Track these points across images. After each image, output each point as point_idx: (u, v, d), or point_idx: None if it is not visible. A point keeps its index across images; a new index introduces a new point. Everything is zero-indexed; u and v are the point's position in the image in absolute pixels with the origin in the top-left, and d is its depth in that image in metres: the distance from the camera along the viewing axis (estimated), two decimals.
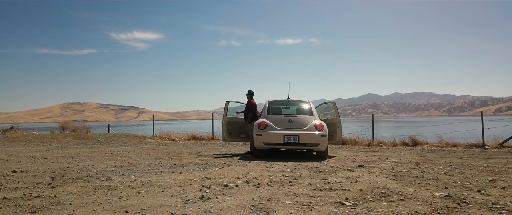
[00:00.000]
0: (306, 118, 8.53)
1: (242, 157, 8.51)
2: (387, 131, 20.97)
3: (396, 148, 12.50)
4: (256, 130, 8.22)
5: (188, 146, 13.11)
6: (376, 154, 9.63)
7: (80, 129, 16.67)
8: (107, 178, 4.70)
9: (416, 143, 13.44)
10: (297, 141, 7.93)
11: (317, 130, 8.12)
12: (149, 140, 16.59)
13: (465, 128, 15.32)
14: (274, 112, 8.88)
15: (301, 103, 9.30)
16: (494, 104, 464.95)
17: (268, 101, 9.28)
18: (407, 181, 4.93)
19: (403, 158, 8.48)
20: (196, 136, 17.47)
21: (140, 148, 11.57)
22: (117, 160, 7.50)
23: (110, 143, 14.30)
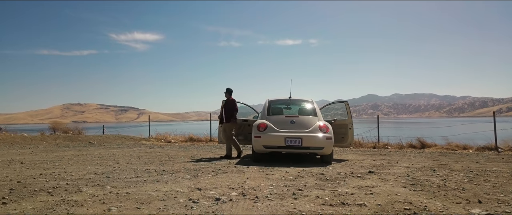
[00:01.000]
0: (309, 118, 7.83)
1: (240, 161, 7.81)
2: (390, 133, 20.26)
3: (404, 151, 11.80)
4: (255, 131, 7.52)
5: (184, 149, 12.42)
6: (385, 158, 8.93)
7: (72, 130, 15.97)
8: (77, 190, 3.98)
9: (424, 145, 12.73)
10: (299, 144, 7.22)
11: (321, 132, 7.42)
12: (144, 142, 15.89)
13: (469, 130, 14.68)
14: (274, 112, 8.19)
15: (304, 103, 8.61)
16: (495, 105, 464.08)
17: (268, 100, 8.59)
18: (429, 192, 4.23)
19: (415, 162, 7.78)
20: (193, 138, 16.78)
21: (132, 151, 10.87)
22: (101, 165, 6.79)
23: (102, 145, 13.60)
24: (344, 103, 9.41)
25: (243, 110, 10.13)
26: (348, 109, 9.12)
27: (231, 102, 8.92)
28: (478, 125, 14.01)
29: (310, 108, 8.32)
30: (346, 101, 9.29)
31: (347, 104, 9.19)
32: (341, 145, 8.86)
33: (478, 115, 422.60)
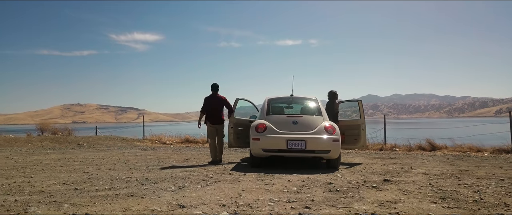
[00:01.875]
0: (313, 118, 7.01)
1: (236, 167, 6.99)
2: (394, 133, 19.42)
3: (413, 153, 10.98)
4: (253, 133, 6.70)
5: (178, 151, 11.60)
6: (396, 162, 8.12)
7: (62, 131, 15.14)
8: (22, 210, 3.15)
9: (434, 147, 11.91)
10: (303, 146, 6.40)
11: (327, 133, 6.60)
12: (137, 143, 15.09)
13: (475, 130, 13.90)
14: (275, 111, 7.37)
15: (307, 101, 7.79)
16: (495, 105, 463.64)
17: (268, 98, 7.77)
18: (468, 210, 3.41)
19: (432, 168, 6.97)
20: (189, 139, 15.97)
21: (121, 154, 10.06)
22: (77, 172, 5.96)
23: (91, 147, 12.78)
24: (358, 101, 8.62)
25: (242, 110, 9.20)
26: (361, 108, 8.32)
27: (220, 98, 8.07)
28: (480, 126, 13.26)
29: (314, 107, 7.50)
30: (360, 100, 8.50)
31: (361, 103, 8.39)
32: (353, 147, 8.10)
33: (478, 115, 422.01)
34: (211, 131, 7.97)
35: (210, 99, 8.07)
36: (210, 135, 7.98)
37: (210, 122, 8.01)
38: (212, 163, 7.72)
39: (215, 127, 7.98)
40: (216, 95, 8.08)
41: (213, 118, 7.99)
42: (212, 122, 8.00)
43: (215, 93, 8.10)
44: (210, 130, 7.97)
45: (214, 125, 7.98)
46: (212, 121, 7.99)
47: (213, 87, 8.14)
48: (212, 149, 7.88)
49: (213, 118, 8.00)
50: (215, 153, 7.84)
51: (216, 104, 7.99)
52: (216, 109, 8.00)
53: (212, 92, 8.12)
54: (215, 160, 7.82)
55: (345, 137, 7.75)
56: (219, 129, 7.99)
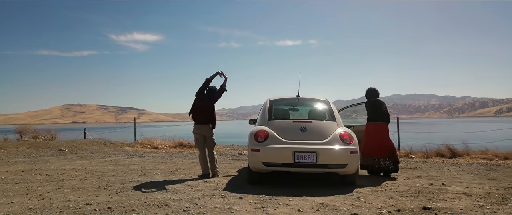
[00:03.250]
0: (325, 124, 5.76)
1: (231, 183, 5.74)
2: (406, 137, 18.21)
3: (433, 161, 9.74)
4: (252, 142, 5.46)
5: (169, 158, 10.37)
6: (420, 174, 6.87)
7: (44, 135, 13.88)
8: None
9: (454, 154, 10.67)
10: (314, 160, 5.15)
11: (344, 143, 5.36)
12: (127, 147, 13.83)
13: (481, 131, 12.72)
14: (278, 115, 6.10)
15: (317, 103, 6.54)
16: (495, 105, 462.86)
17: (270, 99, 6.51)
18: None
19: (468, 184, 5.74)
20: (183, 143, 14.71)
21: (102, 163, 8.82)
22: (27, 195, 4.69)
23: (74, 153, 11.52)
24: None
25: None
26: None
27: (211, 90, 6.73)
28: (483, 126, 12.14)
29: (325, 109, 6.26)
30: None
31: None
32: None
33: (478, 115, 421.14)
34: (198, 138, 6.63)
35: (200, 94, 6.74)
36: (198, 144, 6.65)
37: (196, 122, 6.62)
38: (202, 177, 6.47)
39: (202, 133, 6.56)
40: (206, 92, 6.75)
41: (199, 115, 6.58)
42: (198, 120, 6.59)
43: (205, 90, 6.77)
44: (196, 138, 6.64)
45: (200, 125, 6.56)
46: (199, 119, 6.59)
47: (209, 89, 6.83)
48: (202, 162, 6.61)
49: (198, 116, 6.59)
50: (205, 166, 6.57)
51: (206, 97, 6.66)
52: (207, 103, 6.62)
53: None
54: (207, 174, 6.55)
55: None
56: (208, 135, 6.60)
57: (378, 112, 6.70)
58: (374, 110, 6.71)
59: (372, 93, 6.86)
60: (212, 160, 6.57)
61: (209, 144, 6.63)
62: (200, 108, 6.62)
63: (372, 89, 6.87)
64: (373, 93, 6.86)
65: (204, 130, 6.58)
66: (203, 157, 6.60)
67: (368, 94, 6.89)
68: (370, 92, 6.86)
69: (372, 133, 6.64)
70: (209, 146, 6.64)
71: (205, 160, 6.60)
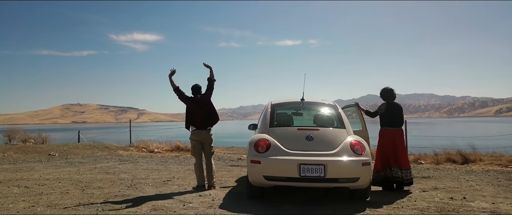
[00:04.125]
0: (334, 132, 5.15)
1: (229, 198, 5.14)
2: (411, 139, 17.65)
3: (446, 167, 9.14)
4: (252, 153, 4.86)
5: (163, 164, 9.79)
6: (435, 185, 6.28)
7: (34, 139, 13.26)
8: None
9: (466, 159, 10.05)
10: (322, 173, 4.55)
11: (355, 154, 4.76)
12: (121, 152, 13.23)
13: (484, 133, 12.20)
14: (281, 122, 5.49)
15: (324, 108, 5.93)
16: (495, 105, 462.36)
17: (271, 103, 5.90)
18: None
19: (492, 198, 5.17)
20: (180, 147, 14.11)
21: (91, 170, 8.22)
22: None
23: (63, 158, 10.93)
24: (353, 106, 6.65)
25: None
26: (360, 115, 6.43)
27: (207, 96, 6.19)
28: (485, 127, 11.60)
29: (333, 115, 5.65)
30: (356, 104, 6.60)
31: (358, 108, 6.50)
32: None
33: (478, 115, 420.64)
34: (196, 145, 6.05)
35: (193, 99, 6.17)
36: (195, 152, 6.07)
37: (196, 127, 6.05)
38: (197, 189, 5.88)
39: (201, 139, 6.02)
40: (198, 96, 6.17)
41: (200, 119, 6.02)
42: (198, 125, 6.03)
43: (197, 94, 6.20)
44: (194, 144, 6.07)
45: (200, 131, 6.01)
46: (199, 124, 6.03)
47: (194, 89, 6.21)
48: (198, 171, 6.04)
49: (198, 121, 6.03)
50: (201, 177, 6.01)
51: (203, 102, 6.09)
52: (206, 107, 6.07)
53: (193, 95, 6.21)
54: (202, 186, 5.96)
55: None
56: (207, 142, 6.07)
57: (398, 116, 6.01)
58: (393, 113, 5.97)
59: (391, 94, 6.09)
60: (209, 169, 6.05)
61: (207, 152, 6.11)
62: (198, 112, 6.02)
63: (391, 90, 6.09)
64: (392, 94, 6.10)
65: (204, 136, 6.04)
66: (199, 166, 6.04)
67: (386, 95, 6.09)
68: (389, 92, 6.08)
69: (391, 140, 5.91)
70: (207, 154, 6.11)
71: (201, 169, 6.04)
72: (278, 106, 5.86)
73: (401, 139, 6.01)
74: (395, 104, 6.11)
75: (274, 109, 5.69)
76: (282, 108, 6.00)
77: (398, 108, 6.07)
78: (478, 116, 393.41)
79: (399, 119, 6.02)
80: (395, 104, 6.10)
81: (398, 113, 6.02)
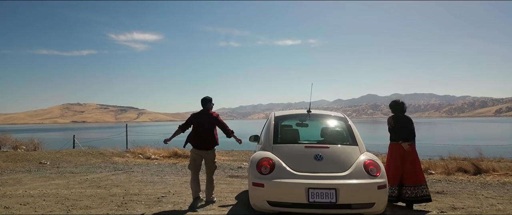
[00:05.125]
0: (346, 150, 4.64)
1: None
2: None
3: (458, 179, 8.62)
4: (254, 174, 4.34)
5: (160, 173, 9.28)
6: (454, 204, 5.76)
7: (26, 145, 12.73)
8: None
9: (479, 169, 9.54)
10: (333, 199, 4.04)
11: (370, 176, 4.25)
12: (116, 158, 12.71)
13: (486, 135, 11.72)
14: (286, 138, 4.96)
15: (333, 121, 5.42)
16: (494, 105, 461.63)
17: (275, 115, 5.37)
18: None
19: None
20: (178, 153, 13.61)
21: (83, 182, 7.71)
22: None
23: (55, 167, 10.41)
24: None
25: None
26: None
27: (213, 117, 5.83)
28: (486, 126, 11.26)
29: (344, 129, 5.13)
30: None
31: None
32: None
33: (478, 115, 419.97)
34: (195, 158, 5.75)
35: (198, 115, 5.83)
36: (193, 165, 5.79)
37: (195, 146, 5.74)
38: (194, 203, 5.47)
39: (202, 154, 5.75)
40: (207, 112, 5.82)
41: (201, 140, 5.71)
42: (199, 145, 5.72)
43: (207, 110, 5.85)
44: (193, 158, 5.77)
45: (200, 151, 5.72)
46: (199, 145, 5.72)
47: (204, 101, 5.85)
48: (194, 185, 5.71)
49: (200, 140, 5.70)
50: (197, 189, 5.70)
51: (206, 123, 5.74)
52: (206, 128, 5.71)
53: (203, 108, 5.87)
54: (197, 197, 5.63)
55: None
56: (209, 158, 5.78)
57: (407, 129, 5.63)
58: (405, 127, 5.62)
59: (399, 107, 5.77)
60: (209, 184, 5.77)
61: (208, 167, 5.80)
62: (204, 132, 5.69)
63: (402, 103, 5.80)
64: (400, 107, 5.77)
65: (206, 153, 5.75)
66: (195, 180, 5.73)
67: (396, 108, 5.79)
68: (399, 105, 5.78)
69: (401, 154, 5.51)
70: (209, 170, 5.81)
71: (197, 182, 5.75)
72: (282, 119, 5.35)
73: (411, 153, 5.57)
74: (405, 117, 5.78)
75: (278, 122, 5.17)
76: (286, 119, 5.49)
77: (407, 121, 5.72)
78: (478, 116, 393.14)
79: (408, 132, 5.63)
80: (404, 117, 5.77)
81: (407, 126, 5.66)
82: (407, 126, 5.66)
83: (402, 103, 5.80)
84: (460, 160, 13.03)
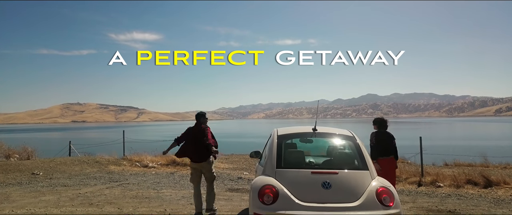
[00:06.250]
0: (356, 176, 4.22)
1: None
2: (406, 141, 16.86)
3: (469, 193, 8.25)
4: (256, 204, 3.94)
5: (157, 186, 8.92)
6: None
7: (20, 153, 12.33)
8: None
9: (489, 181, 9.15)
10: None
11: (383, 206, 3.86)
12: (112, 167, 12.33)
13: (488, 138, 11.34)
14: (290, 161, 4.50)
15: (341, 140, 4.98)
16: (494, 104, 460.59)
17: (278, 134, 4.92)
18: None
19: None
20: (176, 161, 13.21)
21: (75, 198, 7.33)
22: None
23: (48, 178, 10.02)
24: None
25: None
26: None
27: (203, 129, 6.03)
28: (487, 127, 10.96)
29: (353, 151, 4.70)
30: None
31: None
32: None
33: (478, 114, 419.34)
34: (194, 172, 5.99)
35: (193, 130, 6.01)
36: (193, 178, 6.01)
37: (193, 160, 5.95)
38: None
39: (200, 167, 5.92)
40: (200, 126, 6.01)
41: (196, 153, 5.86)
42: (196, 159, 5.90)
43: (200, 124, 6.04)
44: (193, 171, 6.02)
45: (197, 163, 5.91)
46: (196, 158, 5.89)
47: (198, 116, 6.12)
48: (196, 198, 5.95)
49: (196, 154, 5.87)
50: (199, 204, 5.92)
51: (200, 136, 5.88)
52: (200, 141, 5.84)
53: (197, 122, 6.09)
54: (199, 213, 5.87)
55: None
56: (206, 169, 5.96)
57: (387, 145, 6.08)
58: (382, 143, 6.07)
59: (384, 123, 6.30)
60: (209, 192, 5.99)
61: (207, 178, 6.00)
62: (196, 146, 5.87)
63: (385, 120, 6.35)
64: (385, 123, 6.31)
65: (203, 165, 5.93)
66: (197, 194, 5.94)
67: (379, 124, 6.26)
68: (382, 122, 6.29)
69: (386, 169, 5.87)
70: (208, 179, 6.01)
71: (199, 197, 5.94)
72: (285, 138, 4.91)
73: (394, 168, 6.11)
74: (386, 133, 6.20)
75: (281, 143, 4.72)
76: (290, 138, 5.07)
77: (388, 137, 6.14)
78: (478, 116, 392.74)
79: (388, 148, 6.05)
80: (386, 133, 6.19)
81: (388, 142, 6.08)
82: (387, 142, 6.04)
83: (386, 120, 6.31)
84: (465, 166, 12.67)
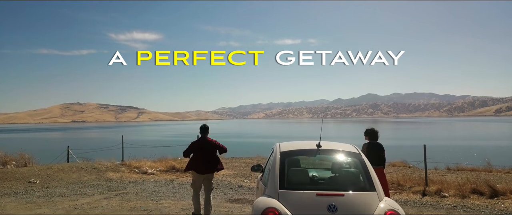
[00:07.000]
0: (363, 198, 4.02)
1: None
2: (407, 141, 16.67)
3: (475, 204, 8.07)
4: None
5: (156, 196, 8.74)
6: None
7: (16, 160, 12.13)
8: None
9: (496, 192, 8.94)
10: None
11: None
12: (111, 174, 12.13)
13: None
14: (294, 181, 4.28)
15: (346, 157, 4.77)
16: (494, 104, 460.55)
17: (280, 150, 4.70)
18: None
19: None
20: (175, 167, 13.03)
21: (71, 210, 7.12)
22: None
23: (45, 186, 9.83)
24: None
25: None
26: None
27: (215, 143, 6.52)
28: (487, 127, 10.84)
29: (359, 169, 4.49)
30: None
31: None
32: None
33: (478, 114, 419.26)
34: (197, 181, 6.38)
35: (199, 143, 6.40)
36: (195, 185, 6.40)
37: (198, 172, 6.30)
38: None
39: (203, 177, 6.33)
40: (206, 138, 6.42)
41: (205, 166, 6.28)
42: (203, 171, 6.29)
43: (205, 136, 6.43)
44: (195, 180, 6.40)
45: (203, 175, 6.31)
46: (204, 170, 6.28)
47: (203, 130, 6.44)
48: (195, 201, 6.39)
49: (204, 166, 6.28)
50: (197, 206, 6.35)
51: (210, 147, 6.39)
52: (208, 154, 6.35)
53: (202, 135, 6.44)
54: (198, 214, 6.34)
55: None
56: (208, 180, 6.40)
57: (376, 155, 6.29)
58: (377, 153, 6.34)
59: (375, 135, 6.59)
60: (207, 202, 6.32)
61: (207, 187, 6.37)
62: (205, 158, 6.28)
63: (376, 131, 6.61)
64: (376, 134, 6.60)
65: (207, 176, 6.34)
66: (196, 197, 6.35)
67: (370, 135, 6.57)
68: (373, 133, 6.58)
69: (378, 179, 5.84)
70: (206, 188, 6.37)
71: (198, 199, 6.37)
72: (288, 155, 4.69)
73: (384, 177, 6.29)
74: (377, 144, 6.50)
75: (284, 160, 4.51)
76: (293, 155, 4.86)
77: (377, 148, 6.43)
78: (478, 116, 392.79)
79: (377, 158, 6.23)
80: (377, 144, 6.50)
81: (377, 153, 6.34)
82: (378, 153, 6.33)
83: (377, 131, 6.57)
84: (468, 170, 12.49)
